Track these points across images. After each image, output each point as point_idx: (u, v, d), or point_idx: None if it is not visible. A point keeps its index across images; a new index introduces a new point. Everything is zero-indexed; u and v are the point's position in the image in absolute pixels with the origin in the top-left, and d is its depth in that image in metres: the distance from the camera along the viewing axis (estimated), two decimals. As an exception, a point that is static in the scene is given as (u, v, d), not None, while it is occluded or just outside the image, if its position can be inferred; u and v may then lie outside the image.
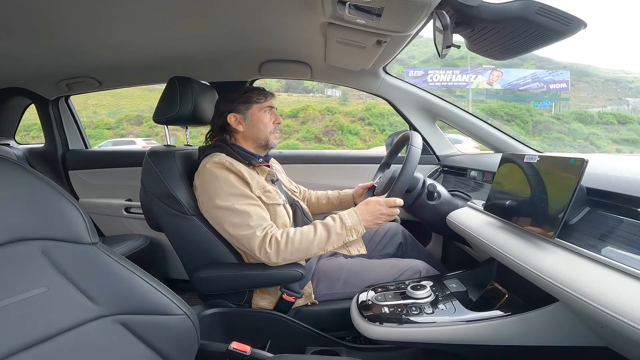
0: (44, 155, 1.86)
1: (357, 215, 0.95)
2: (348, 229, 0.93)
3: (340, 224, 0.93)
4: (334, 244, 0.92)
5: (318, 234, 0.91)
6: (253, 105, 1.05)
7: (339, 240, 0.92)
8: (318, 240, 0.91)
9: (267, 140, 1.06)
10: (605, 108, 18.15)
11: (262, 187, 0.99)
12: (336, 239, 0.92)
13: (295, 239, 0.90)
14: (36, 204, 0.51)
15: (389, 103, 1.52)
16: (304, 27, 1.06)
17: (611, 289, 0.47)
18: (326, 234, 0.92)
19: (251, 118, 1.05)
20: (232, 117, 1.04)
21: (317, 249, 0.91)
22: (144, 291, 0.57)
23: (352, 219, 0.94)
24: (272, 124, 1.07)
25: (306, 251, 0.90)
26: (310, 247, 0.90)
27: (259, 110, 1.05)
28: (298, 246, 0.89)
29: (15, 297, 0.44)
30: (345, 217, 0.94)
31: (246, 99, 1.05)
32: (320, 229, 0.93)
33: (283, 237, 0.90)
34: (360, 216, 0.95)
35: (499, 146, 1.39)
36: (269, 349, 0.91)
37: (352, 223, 0.93)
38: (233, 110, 1.04)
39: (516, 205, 0.75)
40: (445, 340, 0.75)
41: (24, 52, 1.23)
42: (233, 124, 1.04)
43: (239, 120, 1.04)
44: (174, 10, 0.94)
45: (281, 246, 0.89)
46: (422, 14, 0.76)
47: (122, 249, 1.53)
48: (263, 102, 1.06)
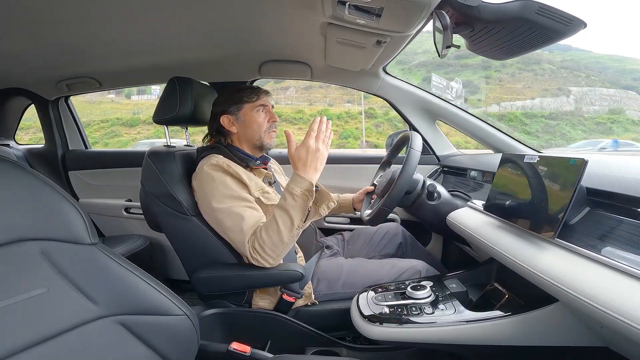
0: (44, 155, 1.86)
1: (299, 176, 0.86)
2: (300, 196, 0.85)
3: (291, 196, 0.86)
4: (301, 217, 0.86)
5: (279, 219, 0.86)
6: (245, 105, 1.02)
7: (301, 211, 0.86)
8: (283, 225, 0.85)
9: (261, 141, 1.04)
10: (524, 102, 17.97)
11: (261, 189, 0.99)
12: (297, 212, 0.85)
13: (264, 237, 0.86)
14: (36, 204, 0.51)
15: (388, 103, 1.52)
16: (303, 28, 1.06)
17: (611, 289, 0.47)
18: (286, 214, 0.86)
19: (244, 118, 1.03)
20: (225, 119, 1.02)
21: (289, 232, 0.86)
22: (144, 291, 0.57)
23: (298, 183, 0.86)
24: (266, 122, 1.04)
25: (281, 240, 0.86)
26: (280, 235, 0.85)
27: (252, 110, 1.03)
28: (270, 241, 0.86)
29: (15, 298, 0.44)
30: (291, 187, 0.86)
31: (237, 99, 1.02)
32: (278, 213, 0.86)
33: (256, 241, 0.87)
34: (302, 174, 0.86)
35: (499, 146, 1.39)
36: (269, 349, 0.91)
37: (301, 187, 0.85)
38: (225, 111, 1.03)
39: (516, 206, 0.75)
40: (445, 341, 0.75)
41: (24, 52, 1.23)
42: (226, 126, 1.03)
43: (232, 122, 1.03)
44: (174, 10, 0.94)
45: (259, 250, 0.87)
46: (422, 14, 0.76)
47: (122, 250, 1.53)
48: (255, 101, 1.03)
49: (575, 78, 21.03)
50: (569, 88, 19.40)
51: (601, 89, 19.01)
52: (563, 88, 19.59)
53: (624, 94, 18.58)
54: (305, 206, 0.86)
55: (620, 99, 18.24)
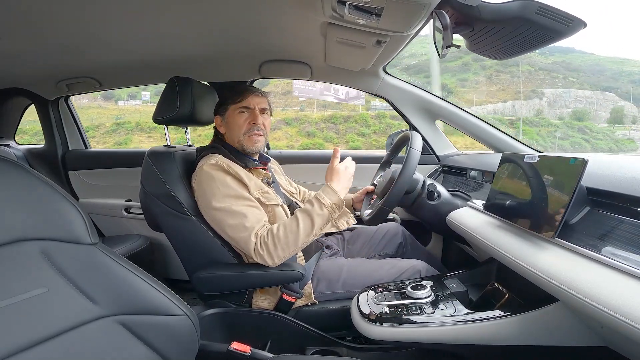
0: (43, 155, 1.86)
1: (332, 189, 0.92)
2: (329, 207, 0.90)
3: (319, 205, 0.90)
4: (322, 226, 0.90)
5: (301, 222, 0.89)
6: (229, 105, 1.01)
7: (324, 220, 0.90)
8: (303, 228, 0.88)
9: (241, 144, 1.01)
10: (496, 105, 17.98)
11: (260, 188, 0.99)
12: (321, 220, 0.90)
13: (280, 234, 0.88)
14: (36, 204, 0.51)
15: (388, 103, 1.52)
16: (303, 27, 1.06)
17: (611, 289, 0.47)
18: (309, 219, 0.89)
19: (227, 119, 1.02)
20: (217, 120, 1.03)
21: (306, 236, 0.89)
22: (144, 291, 0.57)
23: (328, 195, 0.91)
24: (246, 125, 1.00)
25: (295, 242, 0.88)
26: (297, 237, 0.88)
27: (234, 111, 1.01)
28: (285, 240, 0.88)
29: (15, 298, 0.44)
30: (322, 196, 0.91)
31: (223, 99, 1.02)
32: (301, 216, 0.90)
33: (269, 235, 0.88)
34: (334, 188, 0.92)
35: (499, 146, 1.39)
36: (269, 349, 0.91)
37: (331, 199, 0.91)
38: (216, 112, 1.03)
39: (516, 205, 0.75)
40: (445, 340, 0.75)
41: (24, 52, 1.23)
42: (218, 127, 1.03)
43: (220, 123, 1.03)
44: (173, 10, 0.94)
45: (270, 246, 0.88)
46: (422, 14, 0.76)
47: (122, 249, 1.53)
48: (239, 102, 1.01)
49: (552, 80, 20.93)
50: (543, 90, 19.30)
51: (577, 91, 18.85)
52: (537, 90, 19.52)
53: (601, 95, 18.37)
54: (329, 217, 0.90)
55: (597, 101, 18.07)
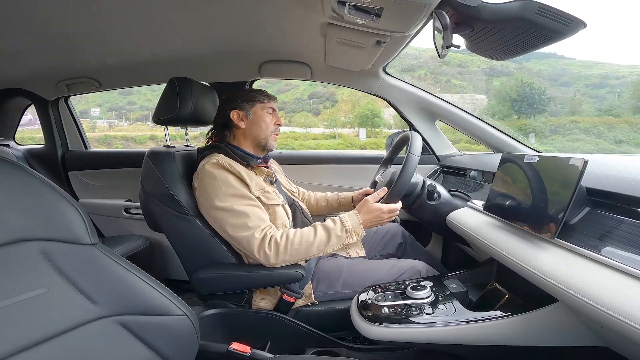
0: (43, 156, 1.86)
1: (358, 218, 0.94)
2: (348, 231, 0.92)
3: (341, 226, 0.93)
4: (334, 246, 0.92)
5: (318, 236, 0.91)
6: (256, 103, 1.06)
7: (339, 242, 0.92)
8: (318, 242, 0.91)
9: (266, 141, 1.07)
10: None
11: (261, 188, 0.99)
12: (336, 241, 0.92)
13: (295, 241, 0.90)
14: (36, 204, 0.51)
15: (388, 103, 1.52)
16: (303, 28, 1.07)
17: (611, 289, 0.47)
18: (326, 236, 0.92)
19: (253, 116, 1.06)
20: (234, 114, 1.05)
21: (317, 250, 0.91)
22: (143, 292, 0.57)
23: (353, 221, 0.94)
24: (272, 125, 1.07)
25: (305, 253, 0.90)
26: (309, 249, 0.90)
27: (262, 109, 1.06)
28: (298, 248, 0.89)
29: (14, 298, 0.44)
30: (345, 219, 0.94)
31: (250, 97, 1.06)
32: (320, 230, 0.92)
33: (283, 238, 0.90)
34: (360, 218, 0.94)
35: (499, 146, 1.39)
36: (269, 349, 0.91)
37: (353, 225, 0.93)
38: (236, 107, 1.05)
39: (516, 206, 0.75)
40: (445, 341, 0.75)
41: (24, 52, 1.23)
42: (235, 120, 1.05)
43: (242, 117, 1.05)
44: (173, 10, 0.94)
45: (280, 248, 0.89)
46: (422, 14, 0.76)
47: (121, 250, 1.53)
48: (266, 103, 1.07)
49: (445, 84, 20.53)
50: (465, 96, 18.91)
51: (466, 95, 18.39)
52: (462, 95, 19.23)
53: (470, 98, 17.90)
54: (345, 241, 0.93)
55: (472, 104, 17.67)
